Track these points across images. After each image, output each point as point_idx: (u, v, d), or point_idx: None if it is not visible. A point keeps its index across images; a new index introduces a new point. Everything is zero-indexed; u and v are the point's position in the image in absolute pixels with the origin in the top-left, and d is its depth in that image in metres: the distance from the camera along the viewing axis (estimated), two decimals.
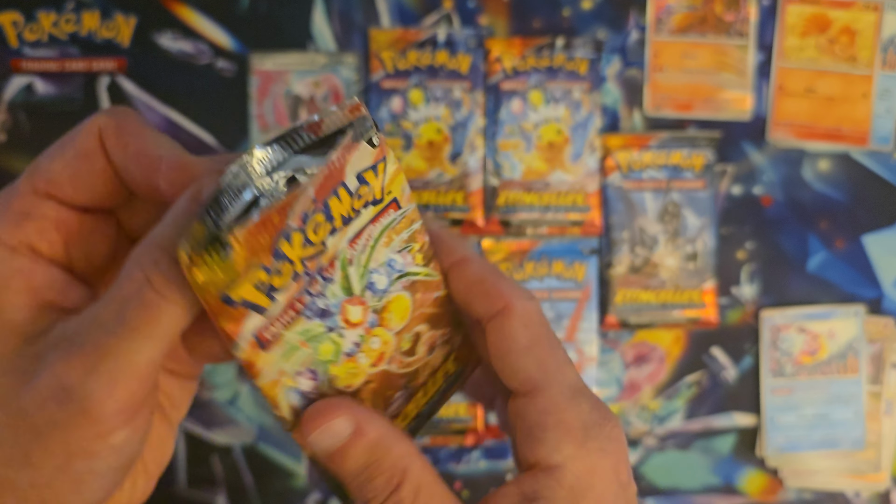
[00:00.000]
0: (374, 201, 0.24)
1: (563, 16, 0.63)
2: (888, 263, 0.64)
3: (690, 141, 0.63)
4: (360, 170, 0.24)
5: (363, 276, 0.25)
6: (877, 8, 0.63)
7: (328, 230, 0.23)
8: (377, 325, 0.26)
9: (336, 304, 0.25)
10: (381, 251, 0.25)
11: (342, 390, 0.26)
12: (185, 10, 0.62)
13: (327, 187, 0.23)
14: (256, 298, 0.22)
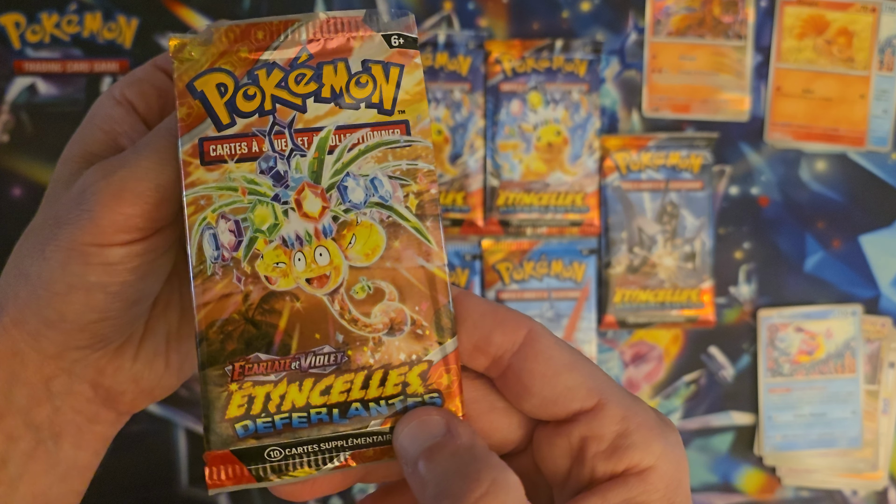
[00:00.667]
0: (379, 107, 0.24)
1: (562, 18, 0.63)
2: (885, 263, 0.64)
3: (688, 142, 0.63)
4: (368, 58, 0.24)
5: (338, 172, 0.24)
6: (874, 9, 0.63)
7: (311, 90, 0.24)
8: (331, 238, 0.24)
9: (296, 179, 0.24)
10: (369, 162, 0.24)
11: (261, 279, 0.24)
12: (187, 12, 0.62)
13: (327, 51, 0.24)
14: (216, 103, 0.24)
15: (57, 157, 0.63)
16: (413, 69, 0.25)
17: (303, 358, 0.24)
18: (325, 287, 0.24)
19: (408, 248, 0.25)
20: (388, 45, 0.24)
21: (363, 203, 0.24)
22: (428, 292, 0.25)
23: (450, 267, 0.62)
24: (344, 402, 0.24)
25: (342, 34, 0.24)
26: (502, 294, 0.62)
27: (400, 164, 0.24)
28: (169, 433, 0.62)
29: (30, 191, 0.61)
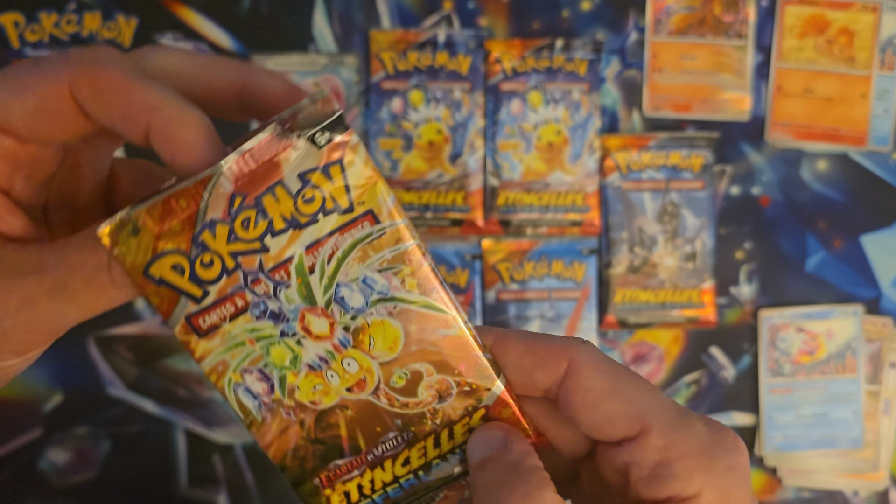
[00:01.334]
0: (337, 210, 0.24)
1: (562, 17, 0.63)
2: (886, 263, 0.64)
3: (689, 141, 0.63)
4: (303, 170, 0.23)
5: (328, 286, 0.24)
6: (875, 9, 0.63)
7: (264, 228, 0.23)
8: (351, 346, 0.25)
9: (292, 310, 0.24)
10: (354, 266, 0.24)
11: (306, 406, 0.25)
12: (186, 11, 0.62)
13: (258, 182, 0.23)
14: (180, 283, 0.23)
15: None
16: (353, 155, 0.23)
17: (374, 450, 0.26)
18: (365, 390, 0.26)
19: (425, 326, 0.25)
20: (316, 147, 0.23)
21: (366, 305, 0.25)
22: (460, 354, 0.26)
23: (450, 267, 0.62)
24: (425, 463, 0.26)
25: (264, 160, 0.23)
26: (502, 294, 0.62)
27: (383, 254, 0.24)
28: (168, 434, 0.62)
29: None
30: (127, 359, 0.62)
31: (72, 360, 0.62)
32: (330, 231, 0.24)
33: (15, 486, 0.61)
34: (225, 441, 0.62)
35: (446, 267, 0.62)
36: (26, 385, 0.61)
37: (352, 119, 0.62)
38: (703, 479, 0.24)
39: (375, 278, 0.24)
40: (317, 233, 0.24)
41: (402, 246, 0.24)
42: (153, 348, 0.62)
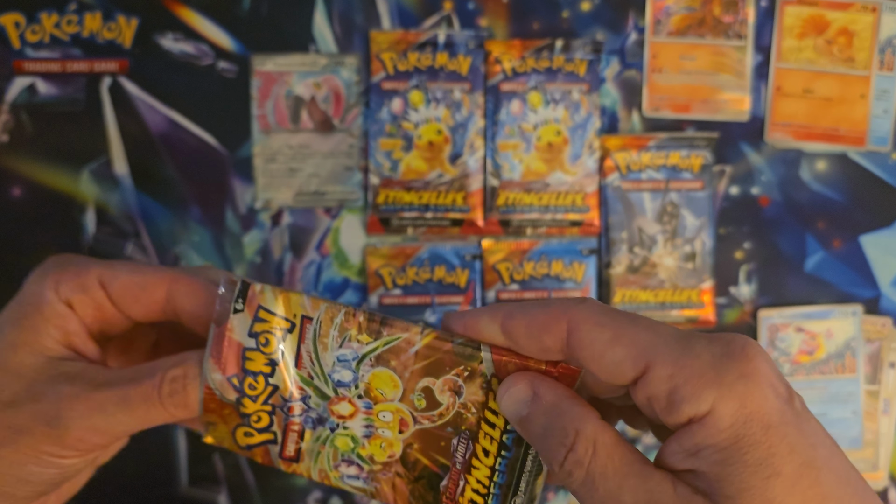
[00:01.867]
0: (288, 329, 0.29)
1: (562, 18, 0.63)
2: (886, 263, 0.64)
3: (689, 142, 0.63)
4: (247, 330, 0.29)
5: (326, 380, 0.30)
6: (874, 9, 0.63)
7: (264, 379, 0.29)
8: (374, 405, 0.30)
9: (324, 410, 0.30)
10: (325, 355, 0.30)
11: (388, 461, 0.31)
12: (187, 12, 0.62)
13: (232, 362, 0.29)
14: (257, 440, 0.30)
15: (57, 158, 0.62)
16: (264, 297, 0.29)
17: (458, 456, 0.30)
18: (409, 425, 0.30)
19: (398, 355, 0.30)
20: (241, 313, 0.29)
21: (354, 373, 0.30)
22: (436, 355, 0.30)
23: (450, 267, 0.62)
24: (498, 443, 0.30)
25: (226, 349, 0.30)
26: (502, 294, 0.62)
27: (333, 334, 0.30)
28: (168, 433, 0.62)
29: (29, 190, 0.61)
30: None
31: None
32: (296, 348, 0.30)
33: None
34: None
35: (446, 267, 0.62)
36: None
37: (352, 119, 0.63)
38: (714, 393, 0.24)
39: (343, 353, 0.30)
40: (291, 353, 0.30)
41: (336, 321, 0.29)
42: None
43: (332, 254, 0.63)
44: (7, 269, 0.62)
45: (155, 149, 0.62)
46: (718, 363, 0.25)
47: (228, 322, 0.29)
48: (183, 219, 0.62)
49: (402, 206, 0.62)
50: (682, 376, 0.25)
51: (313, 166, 0.62)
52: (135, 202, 0.62)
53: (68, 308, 0.30)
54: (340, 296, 0.63)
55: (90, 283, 0.30)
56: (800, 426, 0.24)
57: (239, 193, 0.62)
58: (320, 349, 0.30)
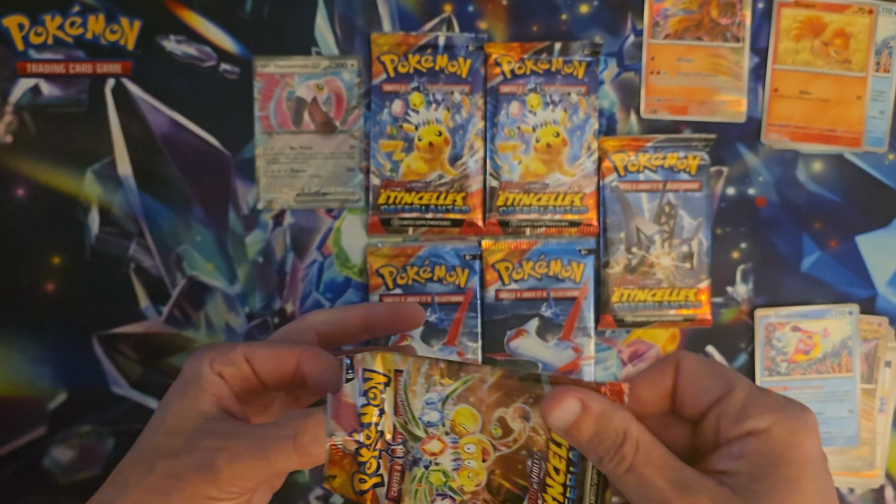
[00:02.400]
0: (386, 383, 0.35)
1: (560, 20, 0.63)
2: (881, 263, 0.64)
3: (686, 143, 0.63)
4: (359, 391, 0.34)
5: (417, 423, 0.35)
6: (871, 11, 0.63)
7: (375, 428, 0.34)
8: (459, 439, 0.35)
9: (417, 451, 0.35)
10: (415, 401, 0.35)
11: (476, 490, 0.35)
12: (189, 14, 0.62)
13: (351, 419, 0.34)
14: (369, 484, 0.35)
15: (61, 158, 0.63)
16: (364, 362, 0.35)
17: (534, 477, 0.34)
18: (490, 453, 0.35)
19: (475, 391, 0.34)
20: (351, 379, 0.35)
21: (440, 413, 0.35)
22: (506, 388, 0.34)
23: (450, 267, 0.62)
24: (566, 460, 0.34)
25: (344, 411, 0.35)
26: (501, 293, 0.63)
27: (420, 382, 0.35)
28: None
29: (33, 191, 0.62)
30: (131, 357, 0.62)
31: (76, 358, 0.62)
32: (393, 398, 0.35)
33: (19, 483, 0.62)
34: None
35: (446, 267, 0.62)
36: (31, 384, 0.62)
37: (354, 121, 0.63)
38: (774, 418, 0.31)
39: (430, 396, 0.34)
40: (390, 405, 0.35)
41: (422, 369, 0.34)
42: (156, 347, 0.62)
43: (333, 254, 0.63)
44: (11, 269, 0.62)
45: (158, 150, 0.62)
46: (785, 403, 0.32)
47: (343, 389, 0.34)
48: (186, 219, 0.62)
49: (403, 206, 0.62)
50: (754, 402, 0.31)
51: (315, 167, 0.63)
52: (138, 203, 0.62)
53: (220, 378, 0.36)
54: (342, 295, 0.63)
55: (237, 359, 0.37)
56: (825, 475, 0.31)
57: (241, 194, 0.63)
58: (410, 396, 0.35)
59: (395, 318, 0.41)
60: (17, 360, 0.62)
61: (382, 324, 0.41)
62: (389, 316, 0.41)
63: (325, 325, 0.40)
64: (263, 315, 0.63)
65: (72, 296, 0.62)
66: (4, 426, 0.62)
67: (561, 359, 0.63)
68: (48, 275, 0.62)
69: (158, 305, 0.62)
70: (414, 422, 0.35)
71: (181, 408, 0.36)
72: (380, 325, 0.41)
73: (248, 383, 0.37)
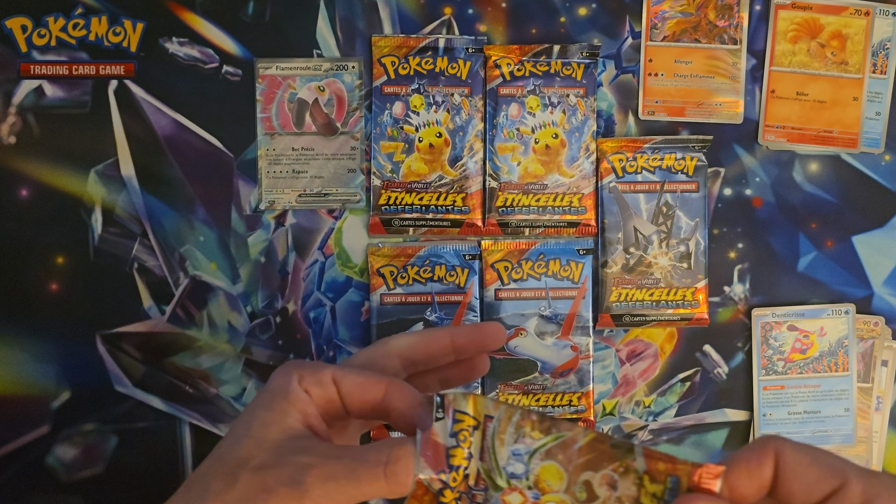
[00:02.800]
0: (475, 427, 0.34)
1: (559, 23, 0.63)
2: (878, 263, 0.64)
3: (683, 144, 0.63)
4: (448, 432, 0.34)
5: (501, 473, 0.34)
6: (867, 13, 0.63)
7: (462, 471, 0.34)
8: (541, 495, 0.34)
9: (497, 501, 0.34)
10: (501, 450, 0.34)
11: None
12: (192, 17, 0.62)
13: (440, 460, 0.34)
14: None
15: (64, 159, 0.63)
16: (457, 402, 0.34)
17: None
18: None
19: (566, 449, 0.33)
20: (441, 419, 0.34)
21: (526, 466, 0.34)
22: (597, 452, 0.33)
23: (449, 266, 0.63)
24: None
25: (433, 451, 0.34)
26: (501, 293, 0.63)
27: (509, 431, 0.34)
28: (174, 429, 0.63)
29: (36, 192, 0.62)
30: (134, 356, 0.63)
31: (79, 357, 0.62)
32: (480, 442, 0.34)
33: (23, 481, 0.62)
34: None
35: (446, 266, 0.63)
36: (34, 382, 0.62)
37: (355, 122, 0.63)
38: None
39: (517, 448, 0.34)
40: (476, 448, 0.34)
41: (514, 419, 0.34)
42: (160, 346, 0.63)
43: (334, 254, 0.63)
44: (15, 269, 0.62)
45: (161, 151, 0.62)
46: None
47: (433, 428, 0.34)
48: (189, 219, 0.63)
49: (404, 207, 0.63)
50: (874, 491, 0.31)
51: (316, 168, 0.63)
52: (141, 203, 0.62)
53: (308, 396, 0.36)
54: (343, 295, 0.63)
55: (326, 380, 0.36)
56: None
57: (244, 195, 0.63)
58: (497, 444, 0.34)
59: (480, 339, 0.40)
60: (21, 358, 0.62)
61: (468, 346, 0.40)
62: (473, 336, 0.40)
63: (409, 349, 0.40)
64: (265, 314, 0.63)
65: (75, 295, 0.62)
66: (8, 424, 0.62)
67: (559, 358, 0.63)
68: (52, 274, 0.62)
69: (161, 305, 0.62)
70: (498, 471, 0.34)
71: (268, 420, 0.35)
72: (465, 346, 0.40)
73: (332, 406, 0.37)
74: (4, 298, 0.62)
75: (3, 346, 0.62)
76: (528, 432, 0.34)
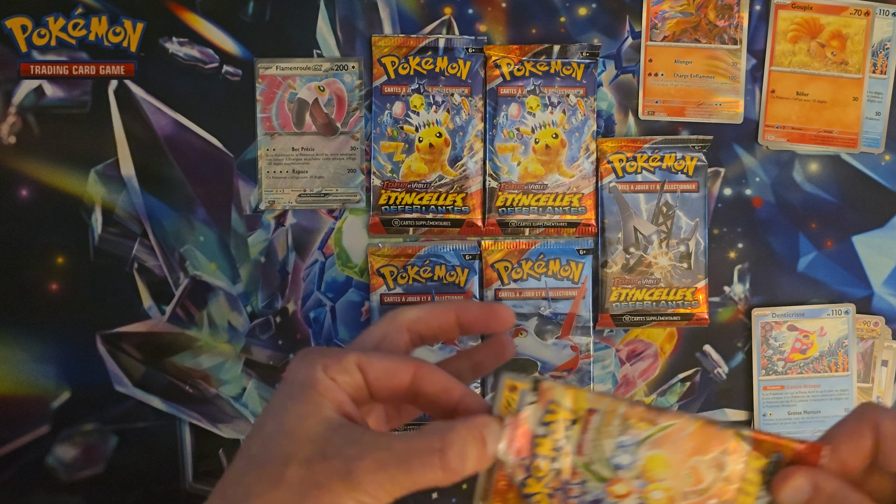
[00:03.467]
0: (573, 421, 0.34)
1: (559, 23, 0.63)
2: (878, 263, 0.65)
3: (683, 144, 0.63)
4: (538, 420, 0.33)
5: (607, 464, 0.34)
6: (867, 13, 0.64)
7: (548, 463, 0.33)
8: (647, 484, 0.34)
9: (601, 491, 0.34)
10: (607, 443, 0.34)
11: None
12: (192, 17, 0.62)
13: (525, 446, 0.33)
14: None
15: (64, 159, 0.63)
16: (553, 392, 0.34)
17: None
18: (675, 501, 0.34)
19: (674, 439, 0.34)
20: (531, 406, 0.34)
21: (633, 456, 0.34)
22: (704, 438, 0.34)
23: (450, 266, 0.63)
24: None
25: (522, 437, 0.34)
26: (501, 293, 0.63)
27: (615, 424, 0.34)
28: (174, 429, 0.63)
29: (36, 192, 0.62)
30: (134, 356, 0.63)
31: (79, 357, 0.62)
32: (578, 436, 0.34)
33: (23, 481, 0.62)
34: (231, 436, 0.63)
35: (446, 266, 0.63)
36: (35, 382, 0.62)
37: (355, 122, 0.63)
38: None
39: (624, 439, 0.34)
40: (574, 443, 0.34)
41: (620, 411, 0.34)
42: (160, 346, 0.63)
43: (334, 254, 0.64)
44: (15, 269, 0.62)
45: (161, 151, 0.62)
46: None
47: (523, 412, 0.33)
48: (189, 219, 0.63)
49: (404, 207, 0.63)
50: None
51: (316, 168, 0.63)
52: (141, 203, 0.62)
53: (336, 384, 0.35)
54: (343, 295, 0.63)
55: (350, 367, 0.35)
56: None
57: (244, 195, 0.63)
58: (603, 437, 0.34)
59: (487, 318, 0.40)
60: (21, 358, 0.62)
61: (475, 323, 0.40)
62: (481, 315, 0.39)
63: (418, 322, 0.39)
64: (265, 314, 0.63)
65: (75, 295, 0.62)
66: (8, 424, 0.62)
67: (559, 358, 0.63)
68: (52, 274, 0.62)
69: (161, 305, 0.63)
70: (602, 462, 0.34)
71: (303, 413, 0.33)
72: (472, 323, 0.40)
73: (360, 393, 0.35)
74: (4, 298, 0.62)
75: (3, 346, 0.62)
76: (635, 423, 0.34)
